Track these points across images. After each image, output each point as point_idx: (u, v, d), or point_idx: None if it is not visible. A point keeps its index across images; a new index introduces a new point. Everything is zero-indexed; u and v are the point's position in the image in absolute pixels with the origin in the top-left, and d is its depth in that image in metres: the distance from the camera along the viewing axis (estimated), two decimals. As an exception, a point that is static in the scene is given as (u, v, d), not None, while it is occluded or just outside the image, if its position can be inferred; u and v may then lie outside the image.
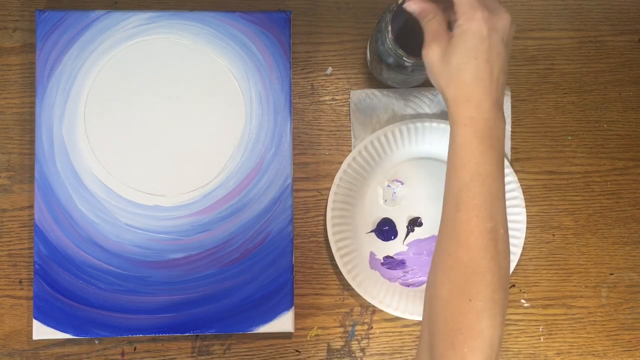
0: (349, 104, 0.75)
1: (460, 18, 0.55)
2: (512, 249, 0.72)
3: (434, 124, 0.72)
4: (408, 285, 0.73)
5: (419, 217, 0.74)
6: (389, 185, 0.74)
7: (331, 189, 0.72)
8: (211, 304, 0.71)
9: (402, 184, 0.74)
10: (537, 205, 0.76)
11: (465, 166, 0.56)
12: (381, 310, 0.73)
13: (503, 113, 0.57)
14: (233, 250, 0.72)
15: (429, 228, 0.74)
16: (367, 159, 0.73)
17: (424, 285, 0.73)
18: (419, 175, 0.74)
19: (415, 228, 0.74)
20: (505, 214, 0.57)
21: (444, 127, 0.72)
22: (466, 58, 0.55)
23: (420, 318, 0.72)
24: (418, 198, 0.74)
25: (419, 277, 0.74)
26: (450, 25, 0.58)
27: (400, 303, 0.72)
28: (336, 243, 0.72)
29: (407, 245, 0.74)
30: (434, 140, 0.73)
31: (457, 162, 0.56)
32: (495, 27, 0.55)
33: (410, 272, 0.74)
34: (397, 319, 0.73)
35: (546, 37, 0.77)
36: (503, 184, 0.57)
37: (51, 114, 0.71)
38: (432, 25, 0.58)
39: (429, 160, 0.74)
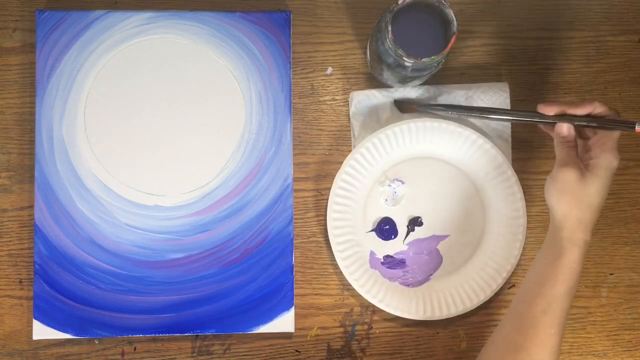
0: (348, 104, 0.75)
1: (605, 151, 0.64)
2: (515, 252, 0.73)
3: (435, 124, 0.72)
4: (408, 284, 0.73)
5: (419, 217, 0.74)
6: (389, 185, 0.74)
7: (332, 188, 0.72)
8: (211, 304, 0.71)
9: (403, 183, 0.74)
10: (537, 205, 0.76)
11: (566, 282, 0.62)
12: (381, 310, 0.72)
13: None
14: (233, 250, 0.72)
15: (429, 228, 0.74)
16: (368, 159, 0.73)
17: (424, 285, 0.73)
18: (419, 174, 0.74)
19: (416, 228, 0.74)
20: None
21: (445, 127, 0.72)
22: (602, 190, 0.64)
23: (418, 317, 0.72)
24: (419, 198, 0.74)
25: (419, 276, 0.74)
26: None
27: (400, 303, 0.72)
28: (336, 240, 0.72)
29: (407, 244, 0.74)
30: (434, 140, 0.73)
31: (559, 276, 0.62)
32: (615, 171, 0.65)
33: (410, 271, 0.74)
34: (397, 319, 0.73)
35: (546, 37, 0.77)
36: None
37: (51, 114, 0.71)
38: (570, 150, 0.65)
39: (429, 159, 0.74)
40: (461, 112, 0.72)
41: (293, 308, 0.72)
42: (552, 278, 0.62)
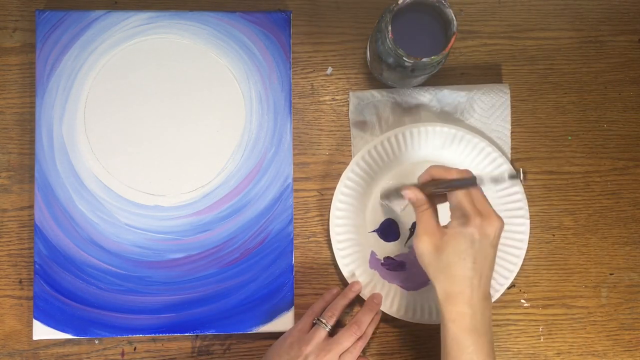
0: (348, 104, 0.75)
1: (454, 221, 0.60)
2: (514, 259, 0.73)
3: (445, 129, 0.72)
4: (407, 287, 0.73)
5: (422, 220, 0.74)
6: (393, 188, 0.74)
7: (337, 186, 0.72)
8: (211, 304, 0.71)
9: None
10: (537, 205, 0.76)
11: (460, 357, 0.60)
12: (381, 310, 0.72)
13: (490, 301, 0.61)
14: (233, 250, 0.72)
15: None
16: (376, 160, 0.73)
17: (423, 289, 0.73)
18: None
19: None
20: None
21: (454, 132, 0.72)
22: (456, 258, 0.60)
23: (415, 320, 0.72)
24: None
25: (418, 280, 0.73)
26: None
27: (398, 304, 0.72)
28: (337, 238, 0.72)
29: (408, 247, 0.74)
30: (439, 144, 0.73)
31: (452, 354, 0.60)
32: (485, 233, 0.59)
33: (409, 274, 0.74)
34: (397, 319, 0.73)
35: (546, 37, 0.77)
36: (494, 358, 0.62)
37: (51, 114, 0.71)
38: (424, 216, 0.62)
39: (434, 163, 0.74)
40: None
41: (293, 308, 0.72)
42: (447, 357, 0.61)
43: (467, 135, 0.72)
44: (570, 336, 0.75)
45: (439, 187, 0.61)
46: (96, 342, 0.72)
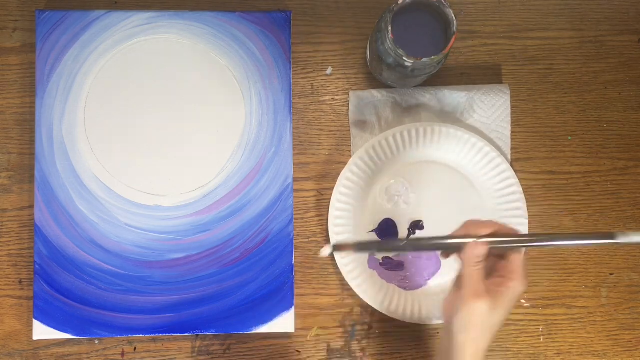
0: (348, 104, 0.75)
1: (515, 280, 0.59)
2: None
3: (443, 129, 0.72)
4: (405, 287, 0.73)
5: (420, 220, 0.74)
6: (393, 187, 0.74)
7: (335, 187, 0.72)
8: (211, 304, 0.71)
9: (407, 186, 0.74)
10: (537, 205, 0.76)
11: None
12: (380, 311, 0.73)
13: None
14: (233, 250, 0.72)
15: (430, 232, 0.74)
16: (373, 159, 0.73)
17: (421, 289, 0.73)
18: (423, 178, 0.74)
19: (417, 231, 0.74)
20: None
21: (453, 133, 0.72)
22: (504, 315, 0.59)
23: (413, 321, 0.72)
24: (421, 201, 0.74)
25: (416, 280, 0.74)
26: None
27: (396, 304, 0.72)
28: (336, 238, 0.72)
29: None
30: (438, 144, 0.73)
31: None
32: (521, 292, 0.60)
33: (408, 274, 0.74)
34: (396, 319, 0.73)
35: (546, 37, 0.77)
36: None
37: (51, 114, 0.71)
38: (476, 273, 0.59)
39: (433, 163, 0.74)
40: (392, 248, 0.69)
41: (293, 308, 0.72)
42: None
43: (466, 135, 0.72)
44: (570, 336, 0.75)
45: (508, 244, 0.59)
46: (96, 342, 0.72)
